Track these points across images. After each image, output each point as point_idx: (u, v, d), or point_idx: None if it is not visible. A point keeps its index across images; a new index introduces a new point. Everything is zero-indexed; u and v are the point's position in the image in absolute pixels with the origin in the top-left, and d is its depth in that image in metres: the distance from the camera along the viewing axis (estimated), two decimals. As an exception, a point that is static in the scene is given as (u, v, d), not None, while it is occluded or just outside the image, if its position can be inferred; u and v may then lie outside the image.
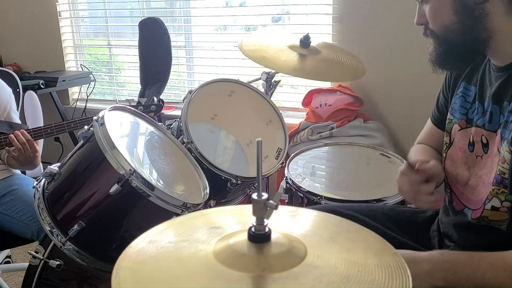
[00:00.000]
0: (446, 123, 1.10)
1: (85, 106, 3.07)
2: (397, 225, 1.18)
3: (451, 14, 0.93)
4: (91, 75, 3.10)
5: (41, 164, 2.13)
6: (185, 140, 1.49)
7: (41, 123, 2.28)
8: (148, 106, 1.73)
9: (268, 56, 1.74)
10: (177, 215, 1.17)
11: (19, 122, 1.86)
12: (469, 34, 0.93)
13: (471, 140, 1.02)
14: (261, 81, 1.94)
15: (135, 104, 1.72)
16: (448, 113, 1.10)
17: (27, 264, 1.34)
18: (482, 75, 1.02)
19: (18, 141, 1.59)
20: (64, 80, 2.92)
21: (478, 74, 1.04)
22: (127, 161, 1.12)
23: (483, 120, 0.99)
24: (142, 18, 2.74)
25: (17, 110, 1.94)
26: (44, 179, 1.26)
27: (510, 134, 0.90)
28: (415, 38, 2.19)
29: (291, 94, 2.74)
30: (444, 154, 1.11)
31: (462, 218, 1.04)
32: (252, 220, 0.63)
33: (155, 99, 1.78)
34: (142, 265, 0.61)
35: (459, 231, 1.06)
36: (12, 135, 1.60)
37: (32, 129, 1.68)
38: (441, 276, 0.85)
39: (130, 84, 3.25)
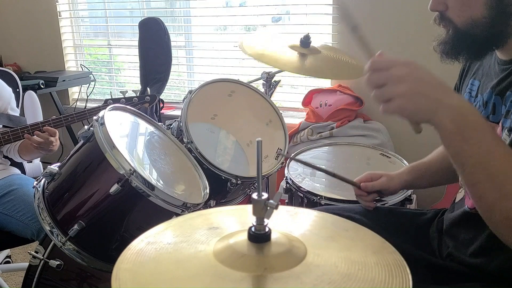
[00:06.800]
0: None
1: (85, 106, 3.07)
2: (396, 227, 1.18)
3: (484, 8, 0.88)
4: (91, 75, 3.10)
5: (41, 164, 2.14)
6: (185, 140, 1.49)
7: (41, 123, 2.28)
8: (143, 97, 1.73)
9: (268, 54, 1.73)
10: (177, 215, 1.17)
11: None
12: (494, 30, 0.89)
13: None
14: (261, 81, 1.94)
15: (129, 96, 1.72)
16: None
17: (27, 264, 1.34)
18: (486, 68, 1.02)
19: (34, 139, 1.63)
20: (64, 80, 2.92)
21: (483, 68, 1.03)
22: (127, 161, 1.12)
23: (486, 111, 0.98)
24: (142, 18, 2.73)
25: (17, 109, 1.96)
26: (44, 179, 1.26)
27: (511, 123, 0.90)
28: (415, 38, 2.20)
29: (291, 94, 2.74)
30: None
31: (464, 210, 1.04)
32: (252, 220, 0.63)
33: (148, 90, 1.79)
34: (141, 266, 0.61)
35: (458, 224, 1.06)
36: (27, 139, 1.64)
37: (30, 124, 1.68)
38: (455, 120, 0.75)
39: (130, 84, 3.25)
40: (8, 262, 2.22)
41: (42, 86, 2.75)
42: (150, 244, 0.65)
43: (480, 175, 0.75)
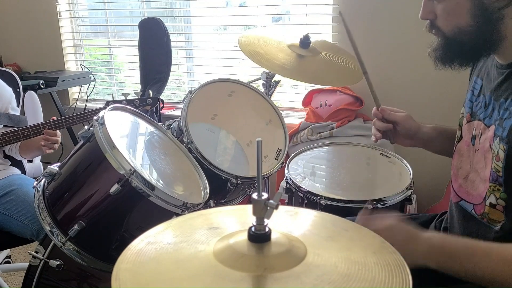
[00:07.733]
0: (459, 117, 1.11)
1: (85, 106, 3.07)
2: None
3: (468, 17, 0.90)
4: (91, 75, 3.10)
5: (41, 164, 2.14)
6: (185, 140, 1.49)
7: (41, 123, 2.29)
8: (144, 100, 1.74)
9: (266, 57, 1.73)
10: (177, 215, 1.16)
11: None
12: (481, 37, 0.91)
13: (473, 134, 1.02)
14: (261, 81, 1.93)
15: (131, 98, 1.73)
16: (462, 107, 1.11)
17: (27, 264, 1.34)
18: (488, 67, 1.03)
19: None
20: (64, 80, 2.92)
21: (486, 66, 1.04)
22: (127, 161, 1.12)
23: (485, 113, 0.99)
24: (142, 18, 2.74)
25: (18, 108, 1.96)
26: (44, 179, 1.26)
27: (503, 132, 0.91)
28: (415, 38, 2.20)
29: (291, 94, 2.74)
30: (454, 148, 1.11)
31: (461, 212, 1.05)
32: (252, 220, 0.63)
33: (151, 92, 1.79)
34: (141, 266, 0.61)
35: (458, 226, 1.07)
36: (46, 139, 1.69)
37: (30, 126, 1.68)
38: (435, 259, 0.87)
39: (130, 84, 3.25)
40: (8, 262, 2.22)
41: (42, 86, 2.75)
42: (150, 244, 0.65)
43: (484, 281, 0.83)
